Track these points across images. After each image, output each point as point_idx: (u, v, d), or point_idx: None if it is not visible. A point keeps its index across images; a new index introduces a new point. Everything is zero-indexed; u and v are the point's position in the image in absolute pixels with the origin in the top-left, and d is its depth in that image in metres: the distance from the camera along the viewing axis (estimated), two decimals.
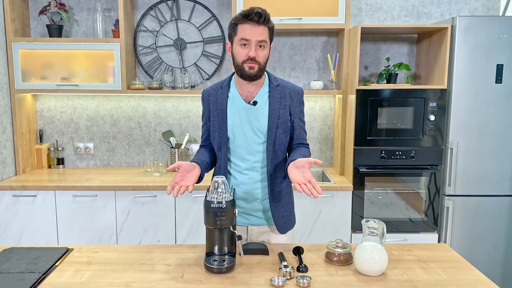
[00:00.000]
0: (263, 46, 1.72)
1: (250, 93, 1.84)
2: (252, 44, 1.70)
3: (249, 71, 1.73)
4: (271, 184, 1.88)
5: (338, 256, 1.69)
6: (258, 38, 1.69)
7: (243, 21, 1.69)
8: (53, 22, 3.18)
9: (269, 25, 1.73)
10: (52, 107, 3.46)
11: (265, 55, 1.75)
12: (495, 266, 3.01)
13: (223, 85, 1.89)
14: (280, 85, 1.86)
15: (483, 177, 2.94)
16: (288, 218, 1.95)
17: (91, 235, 2.99)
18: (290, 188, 1.96)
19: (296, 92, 1.88)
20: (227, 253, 1.66)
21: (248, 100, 1.84)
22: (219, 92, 1.88)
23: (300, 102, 1.89)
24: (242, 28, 1.70)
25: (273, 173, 1.87)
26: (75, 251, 1.80)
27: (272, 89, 1.84)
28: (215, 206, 1.57)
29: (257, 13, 1.67)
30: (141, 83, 3.19)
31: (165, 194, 2.94)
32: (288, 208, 1.95)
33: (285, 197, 1.92)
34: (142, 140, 3.50)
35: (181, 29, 3.39)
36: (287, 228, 1.95)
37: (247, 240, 1.98)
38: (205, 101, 1.91)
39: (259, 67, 1.74)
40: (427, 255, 1.78)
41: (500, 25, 2.80)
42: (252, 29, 1.69)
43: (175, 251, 1.80)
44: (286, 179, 1.93)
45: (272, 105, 1.82)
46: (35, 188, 2.93)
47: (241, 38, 1.70)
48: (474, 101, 2.88)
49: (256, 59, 1.72)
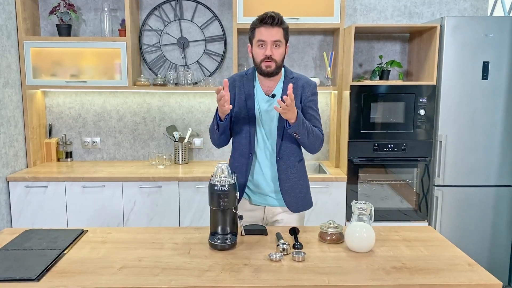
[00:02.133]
0: (278, 45, 1.92)
1: (269, 87, 2.04)
2: (268, 44, 1.90)
3: (266, 69, 1.94)
4: (281, 166, 2.06)
5: (331, 236, 1.85)
6: (273, 39, 1.90)
7: (259, 25, 1.91)
8: (63, 22, 3.34)
9: (283, 26, 1.93)
10: (61, 103, 3.62)
11: (281, 53, 1.95)
12: (482, 252, 3.17)
13: (247, 72, 2.09)
14: (295, 77, 2.05)
15: (471, 168, 3.10)
16: (302, 199, 2.12)
17: (99, 223, 3.15)
18: (303, 172, 2.14)
19: (309, 84, 2.06)
20: (230, 232, 1.82)
21: (268, 93, 2.05)
22: (244, 78, 2.08)
23: (312, 94, 2.06)
24: (259, 31, 1.91)
25: (283, 156, 2.05)
26: (89, 232, 1.96)
27: (287, 81, 2.04)
28: (218, 189, 1.73)
29: (270, 16, 1.89)
30: (146, 80, 3.36)
31: (169, 185, 3.11)
32: (301, 190, 2.12)
33: (297, 179, 2.10)
34: (147, 135, 3.67)
35: (184, 29, 3.55)
36: (299, 209, 2.13)
37: (263, 220, 2.16)
38: (231, 86, 2.08)
39: (275, 65, 1.94)
40: (412, 235, 1.94)
41: (486, 24, 2.96)
42: (267, 31, 1.90)
43: (181, 232, 1.97)
44: (300, 163, 2.12)
45: (284, 94, 2.02)
46: (46, 179, 3.09)
47: (258, 39, 1.92)
48: (462, 97, 3.04)
49: (272, 57, 1.92)
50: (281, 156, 2.06)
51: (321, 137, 2.05)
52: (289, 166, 2.08)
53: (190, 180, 3.10)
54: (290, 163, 2.08)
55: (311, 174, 3.18)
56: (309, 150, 2.07)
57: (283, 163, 2.07)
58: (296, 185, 2.10)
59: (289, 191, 2.09)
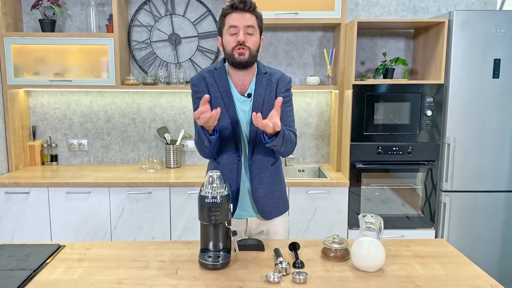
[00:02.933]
0: (251, 33, 1.74)
1: (244, 85, 1.84)
2: (240, 29, 1.72)
3: (239, 57, 1.74)
4: (253, 171, 1.86)
5: (335, 252, 1.66)
6: (245, 23, 1.72)
7: (230, 11, 1.74)
8: (46, 17, 3.13)
9: (256, 13, 1.76)
10: (46, 103, 3.42)
11: (255, 42, 1.76)
12: (492, 261, 3.00)
13: (216, 67, 1.86)
14: (268, 72, 1.86)
15: (480, 172, 2.92)
16: (275, 205, 1.92)
17: (85, 232, 2.95)
18: (276, 175, 1.93)
19: (284, 79, 1.87)
20: (222, 249, 1.63)
21: (242, 92, 1.84)
22: (215, 73, 1.84)
23: (286, 89, 1.88)
24: (230, 17, 1.73)
25: (255, 160, 1.86)
26: (67, 248, 1.77)
27: (260, 76, 1.84)
28: (209, 201, 1.54)
29: (241, 1, 1.72)
30: (135, 79, 3.16)
31: (160, 190, 2.91)
32: (275, 194, 1.92)
33: (270, 184, 1.90)
34: (136, 137, 3.47)
35: (176, 24, 3.35)
36: (272, 215, 1.93)
37: (246, 232, 1.96)
38: (202, 85, 1.84)
39: (249, 53, 1.74)
40: (424, 250, 1.76)
41: (497, 19, 2.78)
42: (239, 16, 1.72)
43: (169, 247, 1.77)
44: (274, 165, 1.92)
45: (257, 92, 1.83)
46: (28, 185, 2.89)
47: (229, 26, 1.73)
48: (471, 96, 2.86)
49: (246, 43, 1.72)
50: (254, 160, 1.86)
51: (295, 140, 1.88)
52: (262, 171, 1.88)
53: (182, 185, 2.91)
54: (263, 167, 1.88)
55: (310, 179, 2.99)
56: (281, 155, 1.89)
57: (256, 168, 1.87)
58: (269, 190, 1.90)
59: (261, 198, 1.89)
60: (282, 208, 1.97)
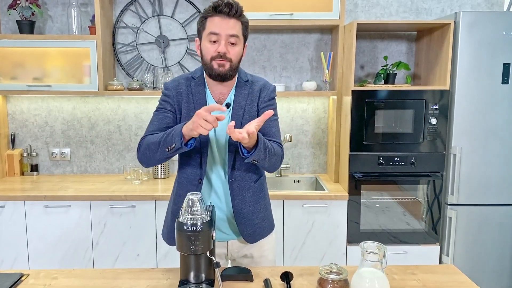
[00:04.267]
0: (235, 42, 1.54)
1: (222, 94, 1.64)
2: (222, 38, 1.52)
3: (218, 69, 1.54)
4: (234, 190, 1.66)
5: (332, 284, 1.46)
6: (228, 32, 1.52)
7: (212, 13, 1.52)
8: (24, 18, 2.93)
9: (242, 19, 1.56)
10: (25, 110, 3.21)
11: (237, 53, 1.56)
12: (500, 279, 2.80)
13: (195, 75, 1.66)
14: (250, 80, 1.68)
15: (488, 185, 2.73)
16: (259, 226, 1.73)
17: (65, 249, 2.75)
18: (260, 193, 1.73)
19: (267, 88, 1.69)
20: (204, 281, 1.43)
21: (220, 102, 1.64)
22: (192, 82, 1.65)
23: (270, 98, 1.68)
24: (211, 21, 1.53)
25: (237, 178, 1.66)
26: (30, 277, 1.57)
27: (240, 85, 1.65)
28: (188, 229, 1.34)
29: (227, 4, 1.51)
30: (120, 84, 2.95)
31: (145, 204, 2.71)
32: (258, 215, 1.72)
33: (253, 203, 1.70)
34: (122, 145, 3.26)
35: (164, 26, 3.15)
36: (256, 238, 1.73)
37: (227, 256, 1.76)
38: (174, 90, 1.65)
39: (230, 66, 1.54)
40: (433, 279, 1.56)
41: (506, 21, 2.59)
42: (222, 22, 1.51)
43: (146, 276, 1.57)
44: (257, 182, 1.72)
45: (238, 101, 1.63)
46: (3, 198, 2.69)
47: (210, 32, 1.52)
48: (479, 103, 2.66)
49: (227, 55, 1.52)
50: (234, 178, 1.65)
51: (281, 154, 1.66)
52: (244, 189, 1.68)
53: (168, 198, 2.70)
54: (245, 185, 1.68)
55: (307, 192, 2.80)
56: (267, 171, 1.67)
57: (237, 186, 1.66)
58: (253, 210, 1.70)
59: (244, 219, 1.68)
60: (266, 229, 1.77)
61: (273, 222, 1.83)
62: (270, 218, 1.81)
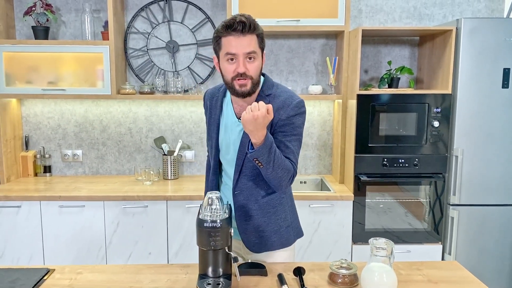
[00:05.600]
0: (253, 57, 1.54)
1: (243, 107, 1.66)
2: (240, 57, 1.52)
3: (240, 89, 1.56)
4: (238, 203, 1.72)
5: (343, 278, 1.55)
6: (245, 50, 1.51)
7: (226, 33, 1.51)
8: (39, 24, 3.02)
9: (257, 32, 1.54)
10: (39, 113, 3.31)
11: (257, 67, 1.56)
12: (501, 278, 2.89)
13: (221, 89, 1.75)
14: (272, 94, 1.65)
15: (490, 186, 2.81)
16: (267, 238, 1.74)
17: (79, 248, 2.84)
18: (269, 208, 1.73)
19: (288, 104, 1.61)
20: (222, 275, 1.52)
21: (240, 115, 1.66)
22: (214, 98, 1.76)
23: (288, 116, 1.61)
24: (227, 41, 1.51)
25: (242, 190, 1.70)
26: (56, 272, 1.66)
27: (261, 98, 1.63)
28: (208, 225, 1.43)
29: (240, 22, 1.48)
30: (132, 88, 3.05)
31: (157, 204, 2.80)
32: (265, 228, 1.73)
33: (260, 216, 1.72)
34: (133, 147, 3.36)
35: (174, 31, 3.25)
36: (262, 249, 1.75)
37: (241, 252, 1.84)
38: (205, 103, 1.81)
39: (251, 83, 1.56)
40: (437, 274, 1.65)
41: (506, 27, 2.68)
42: (237, 41, 1.50)
43: (165, 271, 1.66)
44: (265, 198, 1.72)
45: None
46: (19, 199, 2.78)
47: (227, 52, 1.52)
48: (480, 107, 2.76)
49: (247, 73, 1.53)
50: (240, 190, 1.70)
51: (292, 172, 1.61)
52: (249, 202, 1.70)
53: (179, 199, 2.79)
54: (251, 199, 1.70)
55: (314, 192, 2.89)
56: (272, 185, 1.63)
57: (242, 198, 1.70)
58: (258, 223, 1.71)
59: (248, 230, 1.73)
60: (276, 244, 1.75)
61: (288, 240, 1.79)
62: (283, 234, 1.76)
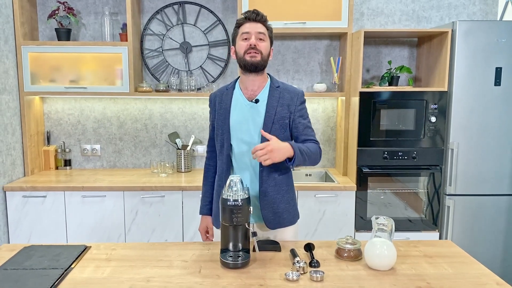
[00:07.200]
0: (263, 38, 1.88)
1: (253, 91, 1.96)
2: (252, 35, 1.87)
3: (251, 60, 1.87)
4: (263, 177, 1.95)
5: (348, 252, 1.75)
6: (257, 30, 1.88)
7: (243, 21, 1.90)
8: (62, 26, 3.23)
9: (267, 25, 1.91)
10: (60, 109, 3.52)
11: (266, 47, 1.89)
12: (494, 263, 3.09)
13: (228, 87, 2.04)
14: (281, 87, 1.99)
15: (483, 176, 3.02)
16: (279, 215, 1.98)
17: (100, 235, 3.04)
18: (282, 186, 1.99)
19: (296, 93, 1.99)
20: (242, 249, 1.72)
21: (251, 99, 1.96)
22: (224, 93, 2.02)
23: (301, 102, 1.99)
24: (243, 26, 1.90)
25: (265, 168, 1.94)
26: (93, 249, 1.86)
27: (272, 90, 1.97)
28: (231, 204, 1.63)
29: (254, 11, 1.89)
30: (149, 86, 3.26)
31: (172, 194, 3.01)
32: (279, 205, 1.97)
33: (275, 193, 1.96)
34: (148, 142, 3.57)
35: (187, 33, 3.46)
36: (276, 226, 1.98)
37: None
38: (212, 103, 2.06)
39: (261, 57, 1.88)
40: (432, 250, 1.85)
41: (499, 29, 2.89)
42: (251, 25, 1.88)
43: (190, 248, 1.87)
44: (281, 176, 1.98)
45: (270, 102, 1.94)
46: (45, 189, 2.98)
47: (242, 32, 1.88)
48: (474, 103, 2.96)
49: (257, 47, 1.86)
50: (264, 167, 1.95)
51: (319, 150, 1.97)
52: (269, 178, 1.95)
53: (194, 189, 3.00)
54: (270, 175, 1.96)
55: (319, 183, 3.09)
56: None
57: (265, 174, 1.95)
58: (273, 199, 1.96)
59: (266, 206, 1.96)
60: (286, 220, 2.00)
61: (294, 217, 2.05)
62: (291, 211, 2.02)
